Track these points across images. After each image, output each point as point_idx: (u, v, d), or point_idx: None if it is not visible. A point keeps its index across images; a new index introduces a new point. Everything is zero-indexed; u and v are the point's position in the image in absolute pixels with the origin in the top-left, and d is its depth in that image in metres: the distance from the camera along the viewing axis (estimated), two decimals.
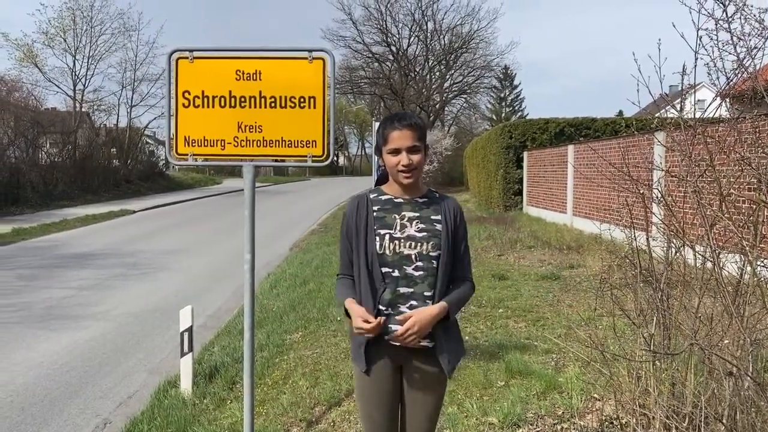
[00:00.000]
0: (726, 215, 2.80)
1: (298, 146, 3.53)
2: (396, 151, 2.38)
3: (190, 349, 4.78)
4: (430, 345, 2.41)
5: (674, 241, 3.26)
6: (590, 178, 13.12)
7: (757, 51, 2.74)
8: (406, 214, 2.44)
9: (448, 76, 45.35)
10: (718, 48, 2.84)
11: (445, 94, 45.49)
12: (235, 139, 3.49)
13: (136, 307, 7.91)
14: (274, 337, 6.09)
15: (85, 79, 33.41)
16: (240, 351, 5.56)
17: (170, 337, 6.48)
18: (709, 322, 2.90)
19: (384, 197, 2.49)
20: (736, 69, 2.85)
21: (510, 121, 31.39)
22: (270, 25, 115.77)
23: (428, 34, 43.03)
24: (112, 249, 13.09)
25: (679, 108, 3.24)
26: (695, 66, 2.98)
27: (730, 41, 2.79)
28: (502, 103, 61.23)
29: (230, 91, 3.46)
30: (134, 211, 22.18)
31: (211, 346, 6.05)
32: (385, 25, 41.65)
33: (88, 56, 33.22)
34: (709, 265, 2.94)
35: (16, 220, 18.31)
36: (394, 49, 42.78)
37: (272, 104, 3.48)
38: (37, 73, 31.86)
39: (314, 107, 3.49)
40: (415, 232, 2.40)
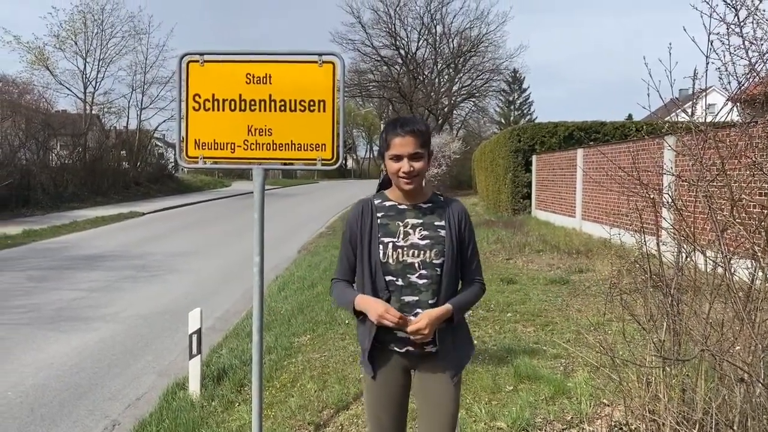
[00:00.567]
0: (737, 220, 2.79)
1: (307, 150, 3.53)
2: (398, 158, 2.35)
3: (199, 352, 4.79)
4: (434, 350, 2.41)
5: (685, 246, 3.24)
6: (599, 182, 13.08)
7: None
8: (410, 221, 2.42)
9: (456, 80, 45.32)
10: (730, 52, 2.83)
11: (454, 98, 45.46)
12: (245, 143, 3.50)
13: (146, 309, 7.94)
14: (282, 339, 6.10)
15: (96, 82, 33.67)
16: (248, 353, 5.57)
17: (179, 339, 6.50)
18: (719, 328, 2.88)
19: (388, 203, 2.47)
20: (748, 73, 2.83)
21: (519, 124, 31.36)
22: (278, 28, 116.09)
23: (437, 38, 43.04)
24: (121, 251, 13.16)
25: (690, 112, 3.22)
26: (706, 70, 2.97)
27: (742, 45, 2.78)
28: (511, 107, 61.19)
29: (240, 95, 3.48)
30: (143, 213, 22.27)
31: (219, 349, 6.06)
32: (394, 28, 41.69)
33: (99, 59, 33.49)
34: (720, 270, 2.92)
35: (27, 222, 18.43)
36: (402, 52, 42.78)
37: (282, 108, 3.49)
38: (48, 76, 32.13)
39: (324, 111, 3.50)
40: (419, 239, 2.39)
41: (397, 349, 2.43)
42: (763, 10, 2.78)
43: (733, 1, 2.82)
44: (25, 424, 4.48)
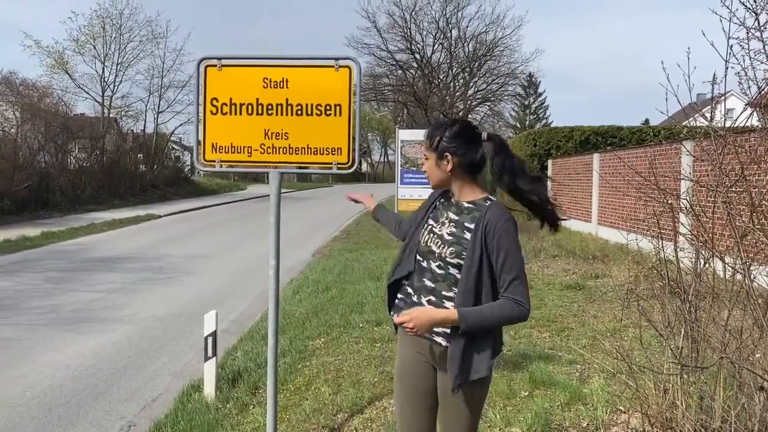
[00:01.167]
0: (757, 226, 2.76)
1: (323, 153, 3.55)
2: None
3: (214, 354, 4.81)
4: (443, 343, 2.41)
5: (703, 252, 3.21)
6: (616, 187, 12.99)
7: None
8: (450, 215, 2.51)
9: (471, 84, 45.26)
10: (750, 57, 2.81)
11: (469, 102, 45.37)
12: (262, 146, 3.53)
13: (161, 310, 8.00)
14: (297, 343, 6.11)
15: (114, 86, 33.97)
16: (263, 356, 5.59)
17: (194, 341, 6.54)
18: (739, 336, 2.85)
19: (451, 194, 2.62)
20: None
21: (534, 128, 31.22)
22: (295, 32, 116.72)
23: (452, 42, 43.00)
24: (138, 253, 13.27)
25: (709, 117, 3.19)
26: (725, 75, 2.95)
27: (762, 50, 2.75)
28: (526, 111, 61.00)
29: (257, 99, 3.50)
30: (160, 216, 22.44)
31: (234, 351, 6.08)
32: (410, 32, 41.73)
33: (117, 63, 33.81)
34: (739, 276, 2.89)
35: (46, 224, 18.63)
36: (418, 56, 42.82)
37: (298, 112, 3.51)
38: (67, 80, 32.49)
39: (340, 115, 3.51)
40: (446, 233, 2.47)
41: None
42: None
43: (753, 6, 2.80)
44: (43, 424, 4.53)
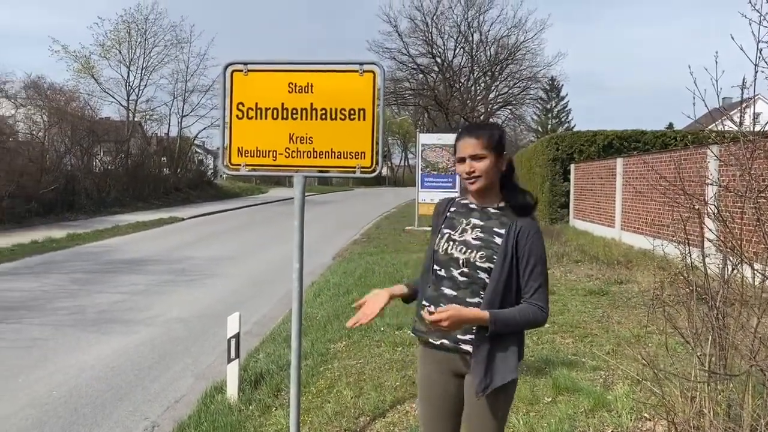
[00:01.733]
0: None
1: (347, 157, 3.57)
2: (462, 160, 2.44)
3: (237, 356, 4.85)
4: (470, 350, 2.39)
5: (731, 258, 3.17)
6: (640, 192, 12.85)
7: None
8: (473, 221, 2.47)
9: (493, 88, 45.13)
10: None
11: (490, 106, 45.23)
12: (287, 150, 3.56)
13: (184, 312, 8.08)
14: (318, 345, 6.14)
15: (139, 90, 34.54)
16: (285, 359, 5.62)
17: (216, 342, 6.59)
18: None
19: (464, 201, 2.56)
20: None
21: (556, 132, 31.02)
22: (316, 37, 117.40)
23: (474, 46, 42.93)
24: (161, 255, 13.42)
25: (738, 121, 3.15)
26: (755, 79, 2.91)
27: None
28: (548, 115, 60.63)
29: (283, 104, 3.53)
30: (183, 219, 22.68)
31: (256, 353, 6.12)
32: (431, 36, 41.76)
33: (142, 67, 34.37)
34: None
35: (71, 226, 18.93)
36: (439, 60, 42.82)
37: (323, 116, 3.53)
38: (93, 84, 33.09)
39: (364, 119, 3.53)
40: (472, 239, 2.43)
41: (432, 341, 2.46)
42: None
43: None
44: (69, 424, 4.60)
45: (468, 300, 2.38)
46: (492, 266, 2.36)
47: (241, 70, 3.56)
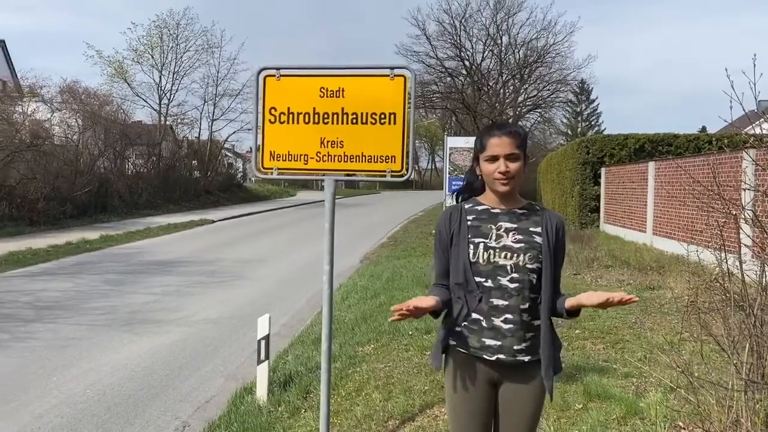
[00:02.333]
0: None
1: (377, 161, 3.58)
2: (494, 158, 2.34)
3: (267, 357, 4.89)
4: (526, 359, 2.36)
5: None
6: (673, 196, 12.63)
7: None
8: (503, 225, 2.38)
9: (522, 91, 44.75)
10: None
11: (519, 109, 44.87)
12: (318, 154, 3.59)
13: (215, 313, 8.18)
14: (347, 348, 6.15)
15: (170, 94, 35.07)
16: (313, 361, 5.65)
17: (246, 343, 6.66)
18: None
19: (480, 207, 2.44)
20: None
21: (586, 136, 30.68)
22: (345, 42, 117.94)
23: (503, 49, 42.62)
24: (192, 257, 13.60)
25: None
26: None
27: None
28: (578, 118, 60.06)
29: (314, 108, 3.56)
30: (213, 221, 22.96)
31: (285, 355, 6.17)
32: (459, 39, 41.56)
33: (174, 72, 34.91)
34: None
35: (104, 227, 19.29)
36: (467, 63, 42.61)
37: (354, 120, 3.55)
38: (126, 88, 33.75)
39: (394, 123, 3.54)
40: (512, 242, 2.35)
41: (487, 357, 2.36)
42: None
43: None
44: (103, 422, 4.68)
45: (521, 306, 2.34)
46: (540, 266, 2.35)
47: (274, 75, 3.60)
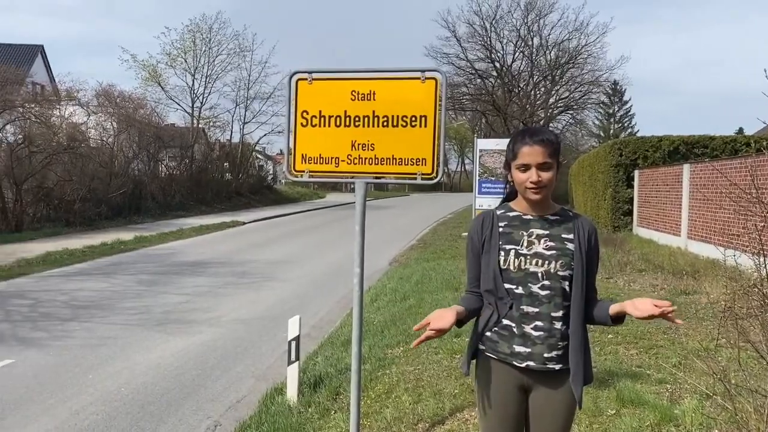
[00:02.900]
0: None
1: (408, 164, 3.59)
2: (525, 167, 2.30)
3: (297, 358, 4.92)
4: (556, 368, 2.34)
5: None
6: (709, 200, 12.38)
7: None
8: (535, 231, 2.37)
9: (553, 92, 44.29)
10: None
11: (550, 110, 44.42)
12: (349, 157, 3.60)
13: (245, 314, 8.27)
14: (376, 350, 6.16)
15: (203, 97, 35.62)
16: (343, 362, 5.68)
17: (276, 344, 6.71)
18: None
19: (512, 213, 2.43)
20: None
21: (619, 138, 30.24)
22: (376, 44, 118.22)
23: (534, 50, 42.23)
24: (224, 258, 13.76)
25: None
26: None
27: None
28: (611, 120, 59.25)
29: (345, 111, 3.58)
30: (244, 223, 23.20)
31: (314, 356, 6.20)
32: (490, 41, 41.31)
33: (206, 75, 35.45)
34: None
35: (138, 228, 19.65)
36: (497, 65, 42.34)
37: (384, 123, 3.56)
38: (160, 92, 34.32)
39: (425, 126, 3.54)
40: (544, 249, 2.34)
41: (517, 364, 2.36)
42: None
43: None
44: (136, 420, 4.77)
45: (552, 314, 2.33)
46: (572, 273, 2.33)
47: (306, 79, 3.63)
